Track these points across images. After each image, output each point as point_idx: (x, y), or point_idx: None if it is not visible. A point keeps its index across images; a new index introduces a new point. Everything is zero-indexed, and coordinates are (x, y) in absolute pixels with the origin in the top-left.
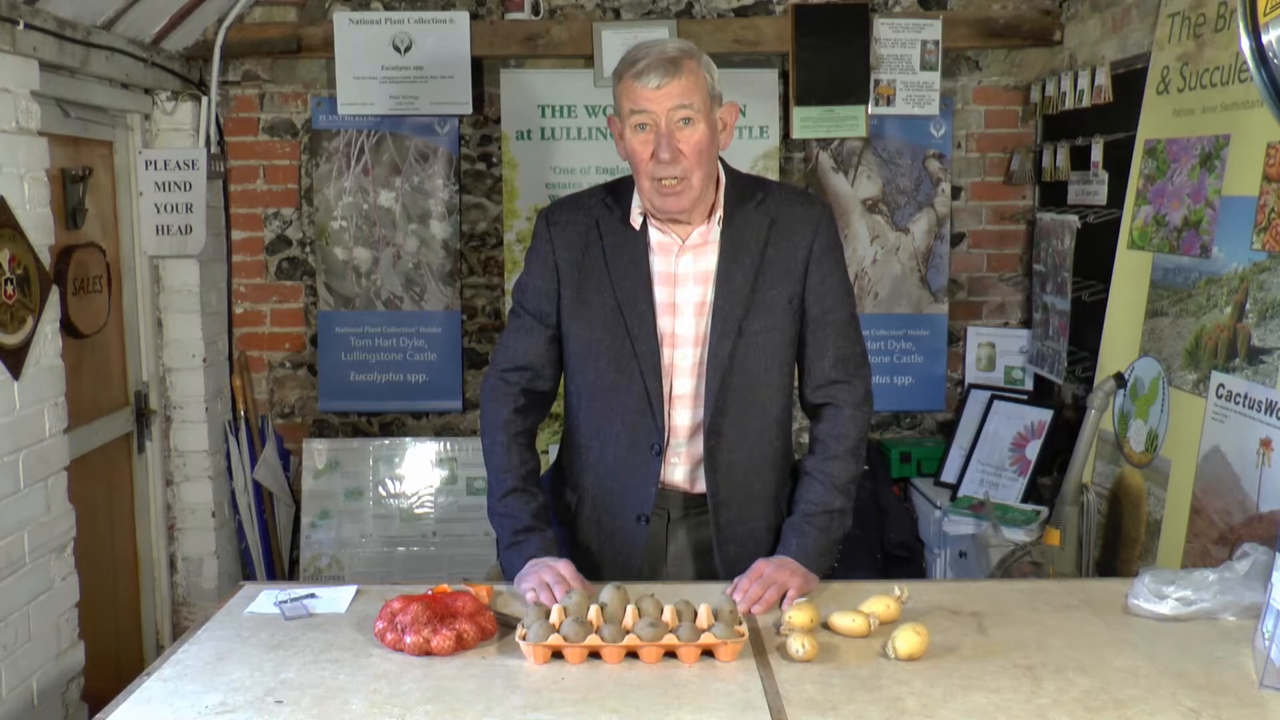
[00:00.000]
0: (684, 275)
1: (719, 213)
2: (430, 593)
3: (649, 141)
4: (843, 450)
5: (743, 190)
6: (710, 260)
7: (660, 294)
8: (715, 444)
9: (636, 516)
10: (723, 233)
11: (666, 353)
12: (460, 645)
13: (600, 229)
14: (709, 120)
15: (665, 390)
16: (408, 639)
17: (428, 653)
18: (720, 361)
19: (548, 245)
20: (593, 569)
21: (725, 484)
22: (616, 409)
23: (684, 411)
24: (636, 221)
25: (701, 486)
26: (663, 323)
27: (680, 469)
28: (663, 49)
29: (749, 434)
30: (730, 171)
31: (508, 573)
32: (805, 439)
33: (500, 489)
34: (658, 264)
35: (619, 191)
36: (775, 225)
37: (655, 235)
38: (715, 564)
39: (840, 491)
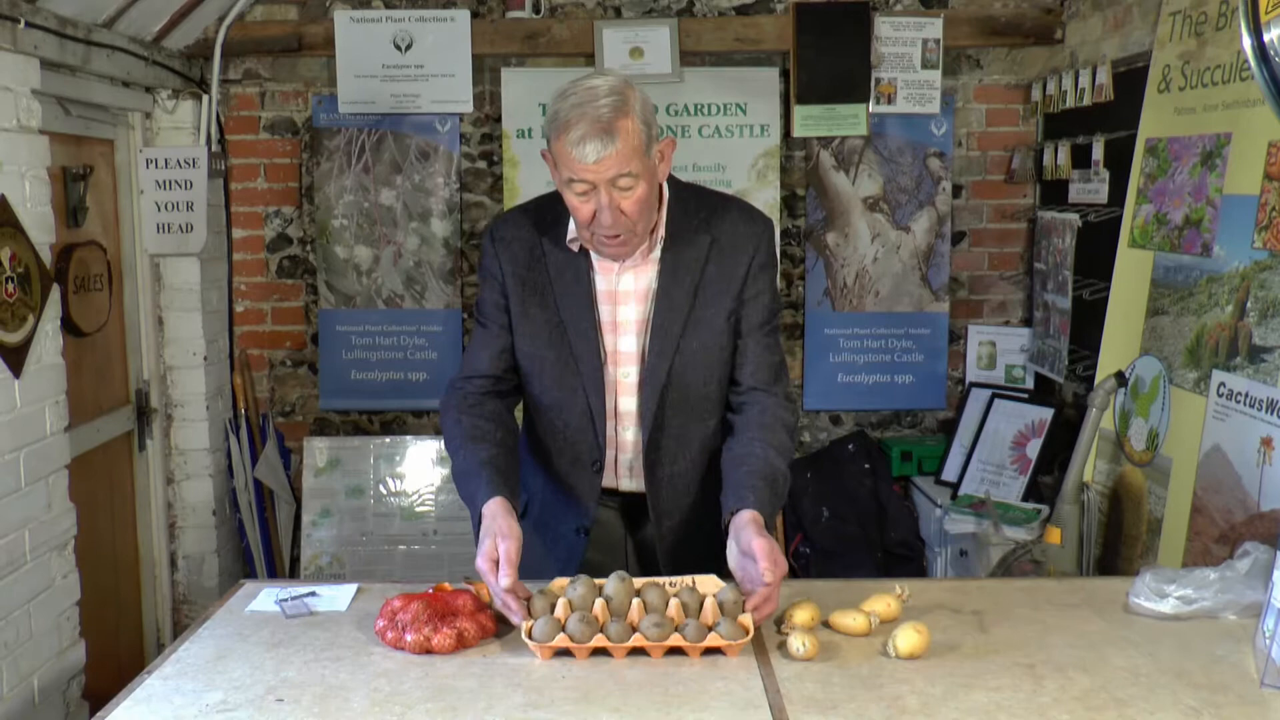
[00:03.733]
0: (624, 293)
1: (660, 232)
2: (431, 591)
3: (589, 203)
4: (781, 426)
5: (686, 206)
6: (650, 278)
7: (603, 312)
8: (655, 459)
9: (576, 529)
10: (664, 252)
11: (610, 370)
12: (461, 644)
13: (544, 246)
14: (648, 174)
15: (610, 407)
16: (408, 637)
17: (428, 651)
18: (658, 379)
19: (495, 262)
20: (537, 569)
21: (667, 495)
22: (559, 425)
23: (631, 428)
24: (574, 246)
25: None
26: (607, 340)
27: (629, 481)
28: (596, 110)
29: (690, 447)
30: (674, 185)
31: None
32: None
33: (455, 456)
34: (600, 282)
35: (560, 207)
36: (716, 244)
37: (596, 254)
38: (659, 566)
39: (783, 458)
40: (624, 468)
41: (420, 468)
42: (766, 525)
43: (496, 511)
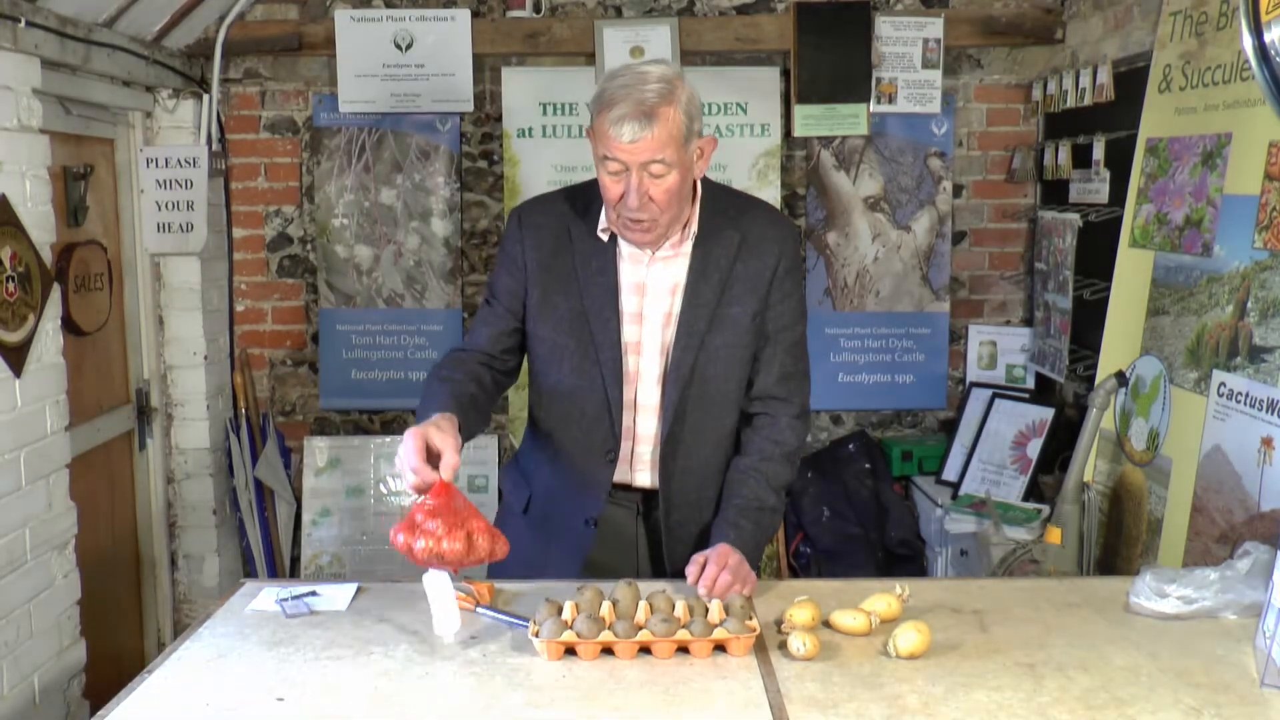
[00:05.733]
0: (653, 285)
1: (693, 227)
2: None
3: (620, 183)
4: (779, 454)
5: (716, 205)
6: (679, 272)
7: (628, 303)
8: (671, 452)
9: (585, 520)
10: (694, 246)
11: (632, 361)
12: (470, 551)
13: (571, 234)
14: (682, 166)
15: (629, 398)
16: (418, 544)
17: (440, 557)
18: (682, 374)
19: (518, 246)
20: (540, 564)
21: (679, 489)
22: (575, 414)
23: (649, 420)
24: (604, 235)
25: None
26: (629, 331)
27: (646, 474)
28: (641, 94)
29: (705, 443)
30: (705, 183)
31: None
32: None
33: (424, 388)
34: (628, 273)
35: (590, 195)
36: (745, 243)
37: (626, 245)
38: (664, 560)
39: (774, 491)
40: (639, 460)
41: None
42: (755, 553)
43: (444, 423)
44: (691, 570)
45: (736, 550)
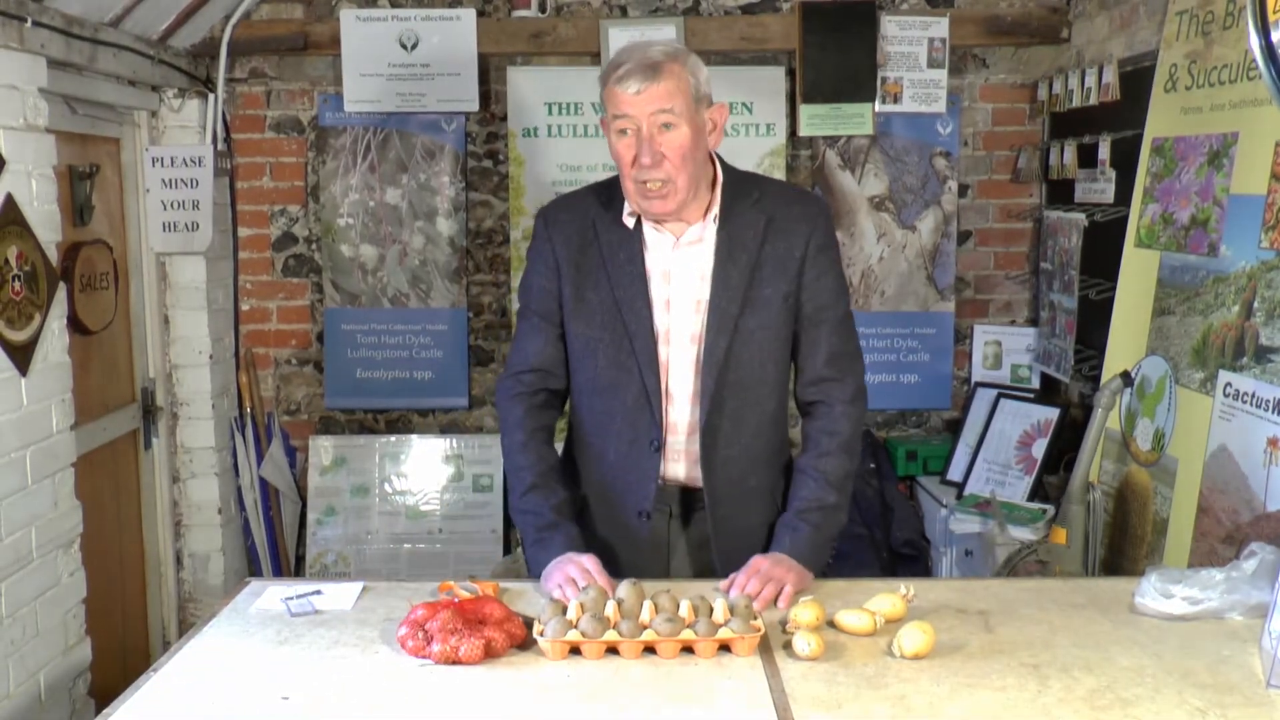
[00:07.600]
0: (680, 272)
1: (715, 210)
2: (456, 600)
3: (631, 145)
4: (835, 446)
5: (739, 188)
6: (706, 258)
7: (657, 291)
8: (712, 441)
9: (638, 512)
10: (719, 230)
11: (662, 350)
12: (489, 654)
13: (596, 227)
14: (692, 122)
15: (662, 387)
16: (434, 647)
17: (455, 662)
18: (716, 359)
19: (547, 244)
20: (607, 564)
21: (722, 480)
22: (616, 406)
23: (683, 408)
24: (629, 221)
25: (701, 483)
26: (659, 320)
27: (681, 465)
28: (646, 53)
29: (744, 431)
30: (728, 169)
31: (533, 569)
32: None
33: (520, 486)
34: (654, 261)
35: (613, 189)
36: (772, 223)
37: (651, 232)
38: (712, 559)
39: (834, 487)
40: (673, 451)
41: (425, 466)
42: (814, 553)
43: (570, 553)
44: (722, 585)
45: (769, 555)
